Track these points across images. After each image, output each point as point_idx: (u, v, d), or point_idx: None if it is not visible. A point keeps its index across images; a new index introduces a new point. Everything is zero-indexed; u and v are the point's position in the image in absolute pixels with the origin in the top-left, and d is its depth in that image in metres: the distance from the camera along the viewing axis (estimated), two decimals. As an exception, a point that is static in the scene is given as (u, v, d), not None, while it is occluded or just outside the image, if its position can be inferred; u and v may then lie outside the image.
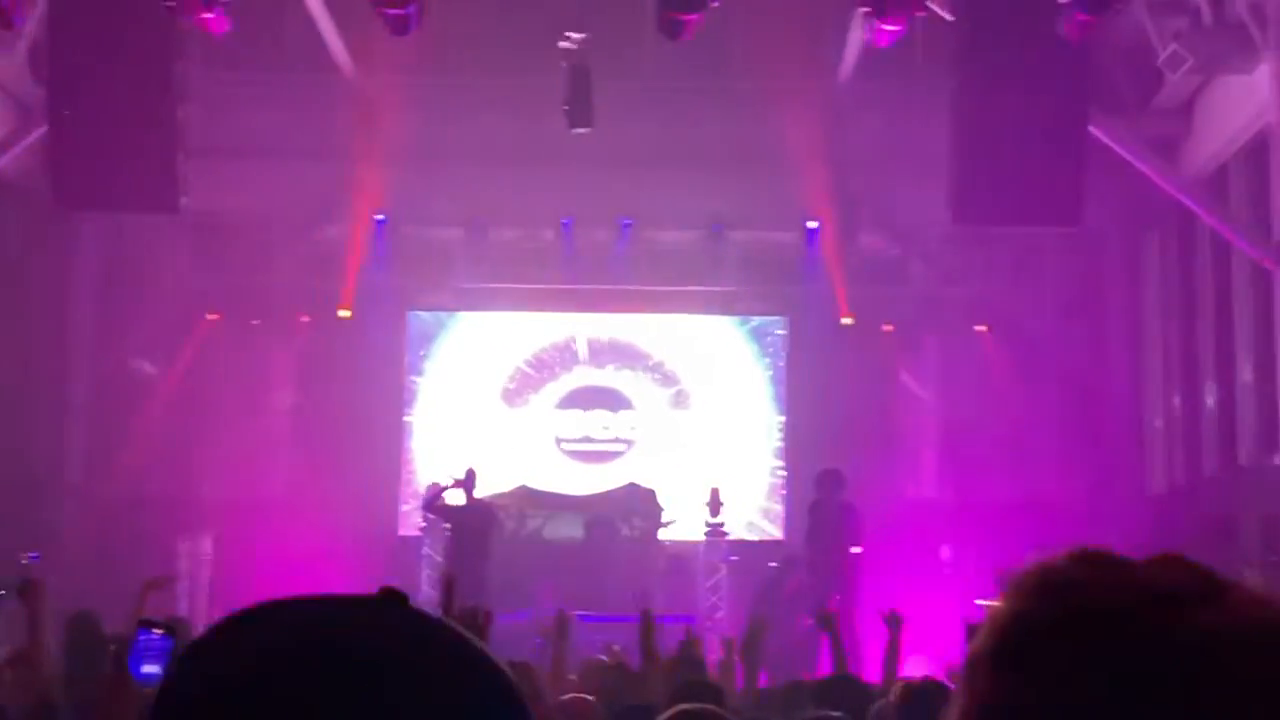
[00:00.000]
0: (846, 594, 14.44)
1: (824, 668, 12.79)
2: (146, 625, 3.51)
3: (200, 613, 16.78)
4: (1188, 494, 16.49)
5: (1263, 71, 13.71)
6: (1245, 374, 15.31)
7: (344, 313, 19.03)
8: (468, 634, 1.21)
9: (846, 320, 18.85)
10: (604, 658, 9.36)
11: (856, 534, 15.14)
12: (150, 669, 3.40)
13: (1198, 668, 1.06)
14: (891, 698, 5.43)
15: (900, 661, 7.87)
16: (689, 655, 8.26)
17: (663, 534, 17.92)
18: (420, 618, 1.22)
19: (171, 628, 3.53)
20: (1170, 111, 16.13)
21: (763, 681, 9.06)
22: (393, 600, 1.23)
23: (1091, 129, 13.60)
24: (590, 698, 5.68)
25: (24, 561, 15.47)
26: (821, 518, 15.39)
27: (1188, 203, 14.77)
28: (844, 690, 6.93)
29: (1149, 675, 1.07)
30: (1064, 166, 12.88)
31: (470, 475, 15.50)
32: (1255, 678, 1.06)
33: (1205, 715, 1.05)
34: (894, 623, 7.86)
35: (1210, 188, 15.45)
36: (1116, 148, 14.46)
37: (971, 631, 6.01)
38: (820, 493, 15.56)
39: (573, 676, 8.00)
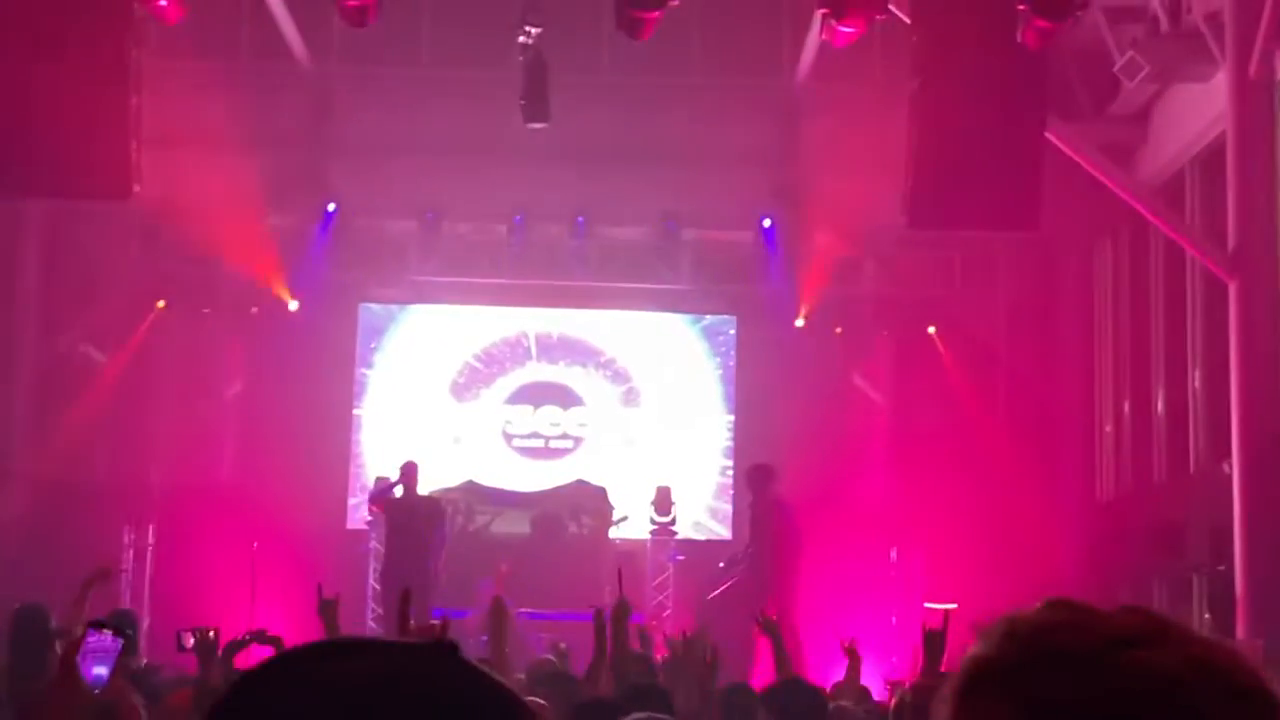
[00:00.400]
0: (784, 594, 14.38)
1: (764, 670, 12.77)
2: (95, 625, 3.43)
3: (143, 603, 16.61)
4: (1137, 500, 16.57)
5: (1219, 80, 13.77)
6: (1196, 381, 15.39)
7: (294, 304, 18.88)
8: (506, 684, 1.21)
9: (800, 322, 18.87)
10: (551, 657, 9.30)
11: (788, 530, 15.05)
12: (99, 670, 3.32)
13: (1133, 699, 1.15)
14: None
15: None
16: (640, 653, 8.20)
17: (612, 532, 17.86)
18: (470, 671, 1.20)
19: (120, 628, 3.45)
20: (1126, 118, 16.20)
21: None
22: (444, 652, 1.21)
23: (1048, 134, 13.62)
24: (543, 701, 5.60)
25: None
26: (755, 515, 15.33)
27: (1142, 210, 14.81)
28: (794, 694, 6.89)
29: (1093, 708, 1.15)
30: (1022, 171, 12.87)
31: (409, 469, 15.33)
32: (1191, 707, 1.14)
33: None
34: (853, 656, 7.84)
35: (1165, 195, 15.51)
36: (1072, 153, 14.48)
37: (929, 637, 5.96)
38: (752, 490, 15.47)
39: (520, 675, 7.92)
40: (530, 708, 1.21)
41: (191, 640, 6.28)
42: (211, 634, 6.47)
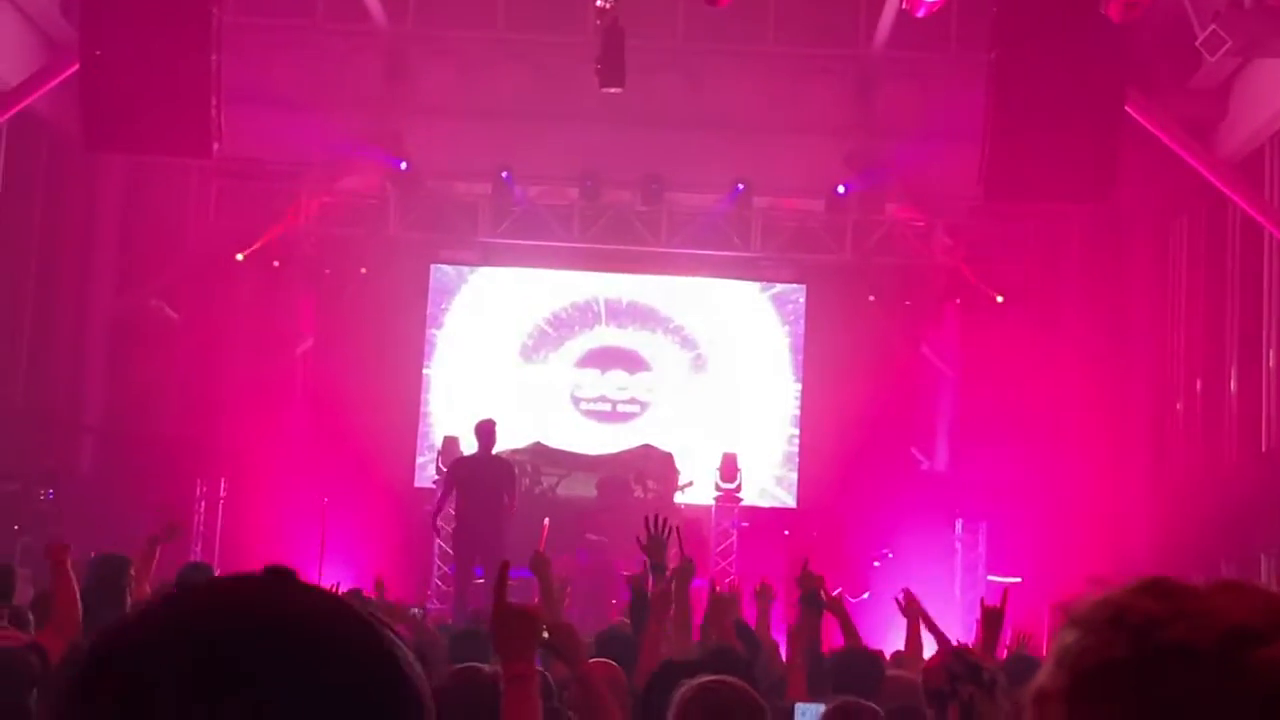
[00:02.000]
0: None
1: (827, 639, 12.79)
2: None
3: (213, 556, 16.82)
4: (1207, 479, 16.43)
5: (1302, 56, 13.59)
6: (1270, 361, 15.23)
7: (365, 264, 19.03)
8: (356, 608, 1.24)
9: (871, 298, 18.87)
10: (626, 619, 9.33)
11: None
12: None
13: (1269, 700, 1.09)
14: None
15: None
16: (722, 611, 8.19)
17: (678, 497, 17.91)
18: (307, 593, 1.24)
19: None
20: (1207, 93, 16.01)
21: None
22: (279, 577, 1.25)
23: (1127, 107, 13.49)
24: (614, 664, 5.65)
25: (41, 498, 15.56)
26: None
27: (1220, 186, 14.65)
28: (852, 662, 6.89)
29: (1225, 710, 1.09)
30: (1099, 144, 12.77)
31: (485, 428, 15.33)
32: None
33: None
34: (911, 617, 7.79)
35: (1244, 171, 15.33)
36: (1150, 127, 14.34)
37: (988, 614, 5.91)
38: None
39: (589, 638, 7.94)
40: (374, 626, 1.22)
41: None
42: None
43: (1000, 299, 18.62)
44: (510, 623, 2.57)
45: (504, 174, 18.38)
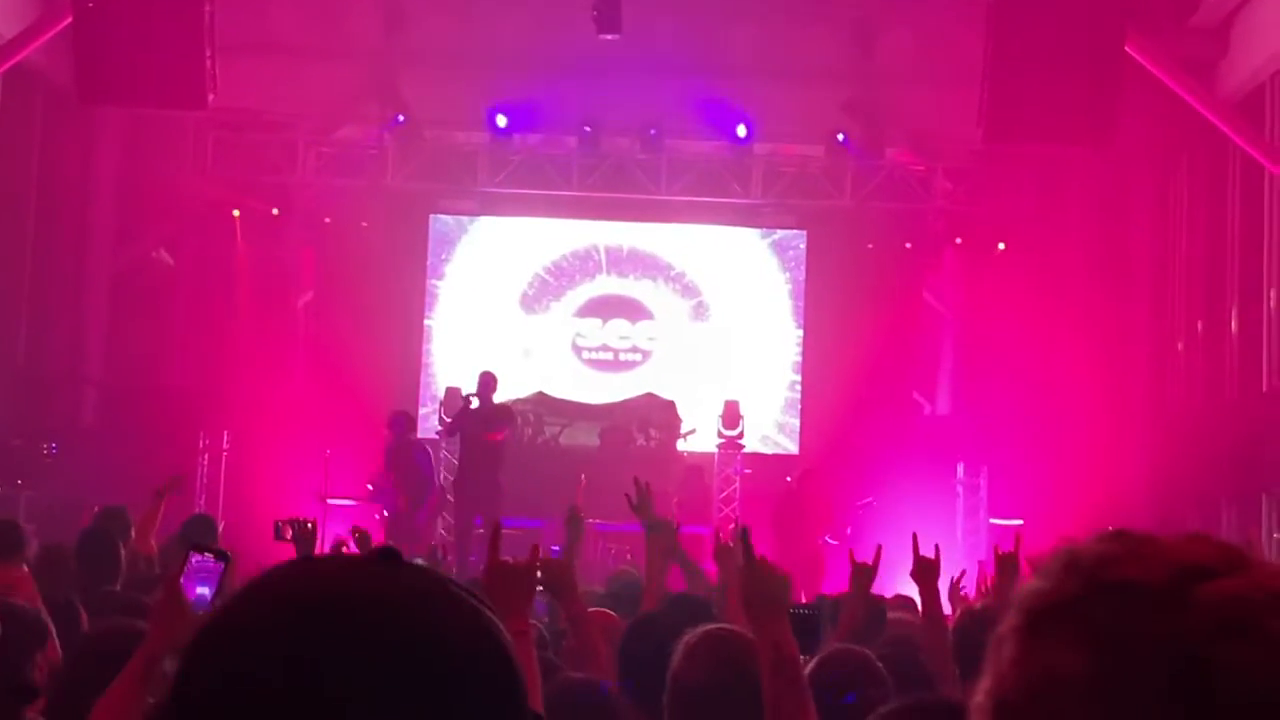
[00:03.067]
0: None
1: (831, 584, 12.87)
2: (197, 548, 3.50)
3: (217, 508, 16.86)
4: (1208, 419, 16.44)
5: (1303, -6, 13.51)
6: (1271, 300, 15.21)
7: (364, 215, 19.01)
8: (466, 592, 1.26)
9: (870, 246, 18.86)
10: (630, 569, 9.35)
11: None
12: (202, 590, 3.39)
13: (1217, 629, 1.08)
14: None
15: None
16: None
17: (680, 445, 17.94)
18: (421, 576, 1.26)
19: (223, 553, 3.52)
20: (1206, 32, 15.92)
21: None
22: (390, 560, 1.26)
23: (1126, 48, 13.41)
24: (612, 613, 5.66)
25: (44, 453, 15.59)
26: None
27: (1220, 125, 14.59)
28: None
29: (1170, 638, 1.09)
30: (1098, 86, 12.72)
31: (486, 379, 15.38)
32: (1271, 636, 1.08)
33: (1226, 674, 1.07)
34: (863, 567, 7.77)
35: (1244, 111, 15.27)
36: (1150, 67, 14.26)
37: (1002, 560, 5.86)
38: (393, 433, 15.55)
39: (599, 589, 7.97)
40: (484, 612, 1.25)
41: (290, 531, 6.42)
42: (310, 524, 6.60)
43: (1002, 246, 18.59)
44: (504, 579, 2.54)
45: (500, 122, 18.28)
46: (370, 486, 15.60)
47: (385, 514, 15.25)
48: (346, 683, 1.16)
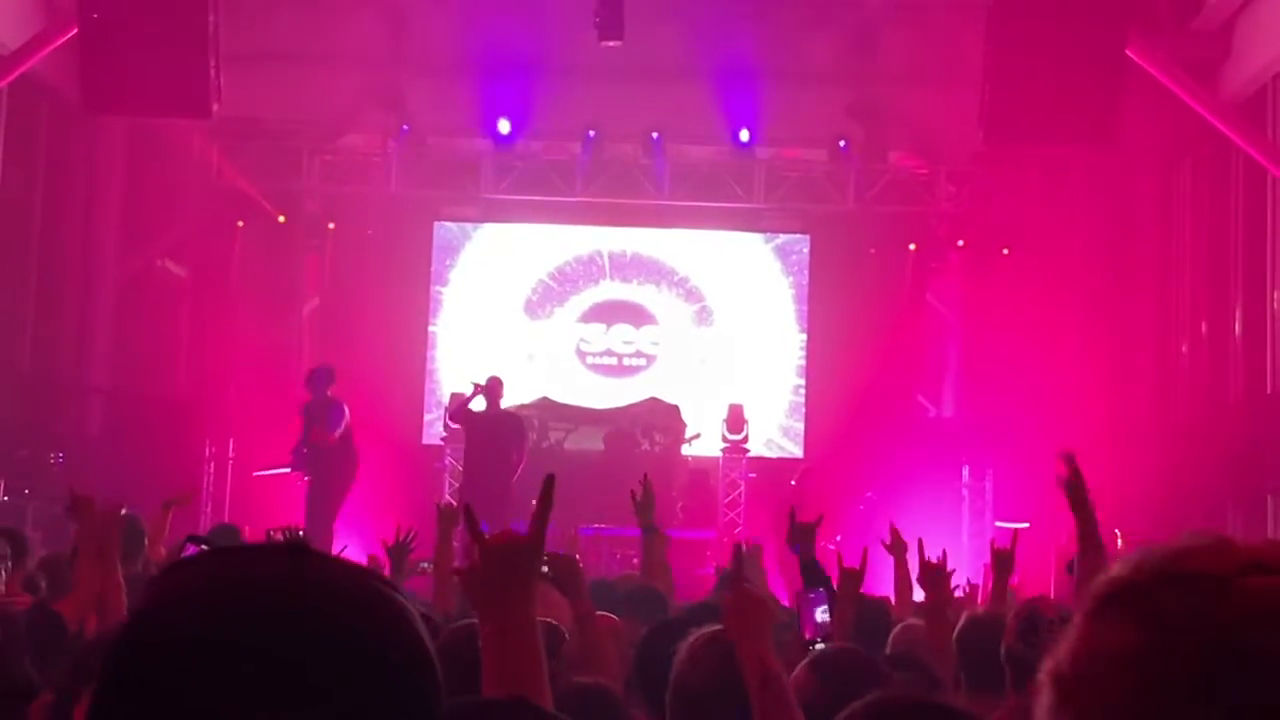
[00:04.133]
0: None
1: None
2: (194, 540, 3.53)
3: (223, 516, 16.88)
4: (1212, 420, 16.45)
5: (1304, -5, 13.53)
6: (1274, 302, 15.22)
7: (369, 222, 19.05)
8: (379, 581, 1.31)
9: (873, 251, 18.88)
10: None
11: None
12: None
13: (1253, 616, 1.15)
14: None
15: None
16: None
17: (685, 449, 17.96)
18: (327, 566, 1.30)
19: (216, 543, 3.55)
20: (1209, 34, 15.95)
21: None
22: (297, 551, 1.31)
23: (1128, 50, 13.42)
24: (615, 617, 5.68)
25: (51, 462, 15.61)
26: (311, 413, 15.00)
27: (1222, 128, 14.60)
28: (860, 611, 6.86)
29: (1208, 621, 1.15)
30: (1100, 88, 12.72)
31: (493, 383, 15.38)
32: None
33: (1256, 659, 1.13)
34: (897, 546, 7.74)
35: (1247, 113, 15.28)
36: (1152, 70, 14.27)
37: (998, 557, 5.90)
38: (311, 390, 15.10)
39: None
40: (395, 601, 1.29)
41: (281, 539, 6.43)
42: (301, 533, 6.62)
43: (1006, 251, 18.61)
44: (488, 564, 2.50)
45: (503, 129, 18.34)
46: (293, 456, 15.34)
47: (306, 480, 15.04)
48: (250, 677, 1.20)
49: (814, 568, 6.17)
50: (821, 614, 4.60)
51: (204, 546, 3.49)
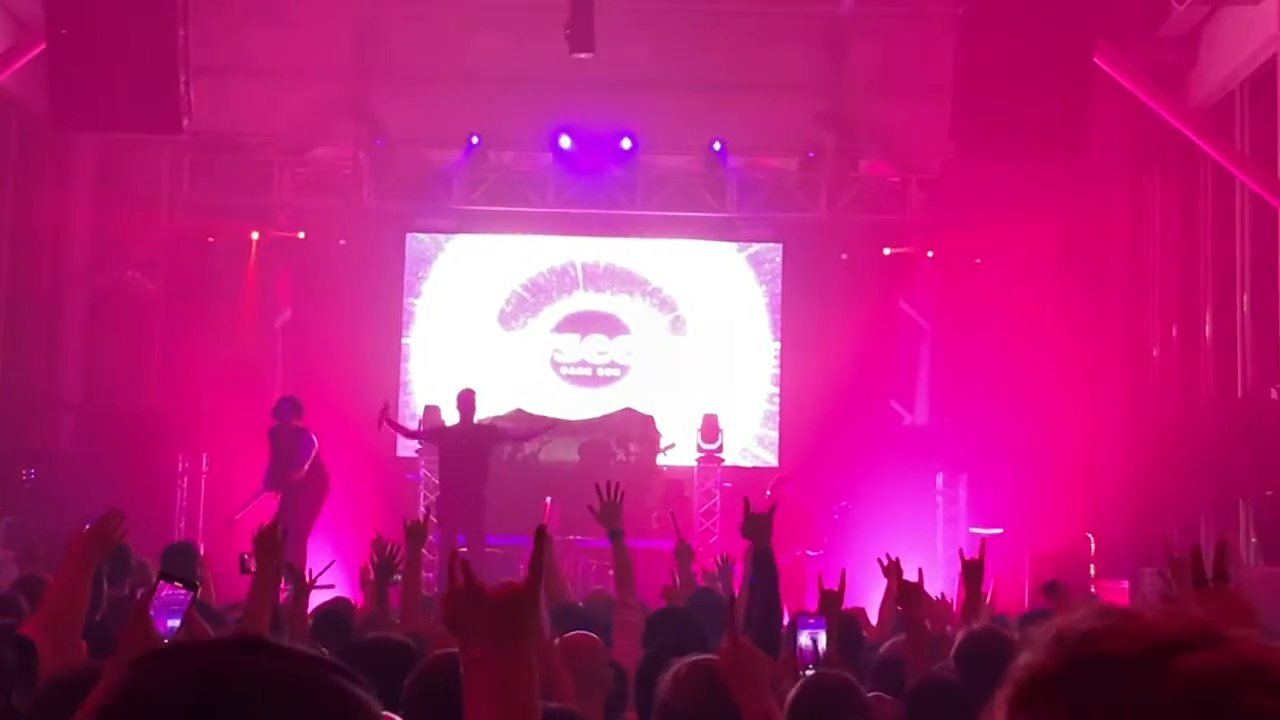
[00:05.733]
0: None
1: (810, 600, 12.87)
2: (167, 578, 3.53)
3: (197, 531, 16.84)
4: (1184, 425, 16.53)
5: (1269, 1, 13.62)
6: (1244, 306, 15.32)
7: (341, 234, 19.01)
8: (337, 678, 1.32)
9: (844, 256, 18.95)
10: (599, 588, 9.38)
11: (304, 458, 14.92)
12: (172, 623, 3.43)
13: (1192, 703, 1.15)
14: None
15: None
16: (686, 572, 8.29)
17: (660, 459, 17.96)
18: (279, 662, 1.32)
19: (192, 583, 3.56)
20: (1176, 41, 16.04)
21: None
22: (248, 647, 1.33)
23: (1096, 59, 13.50)
24: (594, 635, 5.67)
25: (23, 478, 15.55)
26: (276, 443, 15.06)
27: (1190, 135, 14.69)
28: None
29: (1148, 710, 1.15)
30: (1068, 97, 12.79)
31: (465, 397, 15.40)
32: (1248, 709, 1.14)
33: None
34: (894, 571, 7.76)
35: (1214, 120, 15.38)
36: (1119, 78, 14.36)
37: (968, 567, 5.93)
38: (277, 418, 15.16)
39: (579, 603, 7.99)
40: (346, 694, 1.31)
41: (255, 564, 6.40)
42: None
43: (978, 261, 18.70)
44: (460, 604, 2.51)
45: (474, 139, 18.35)
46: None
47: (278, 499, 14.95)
48: None
49: (767, 559, 6.17)
50: (812, 639, 4.64)
51: (177, 584, 3.50)
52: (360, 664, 3.91)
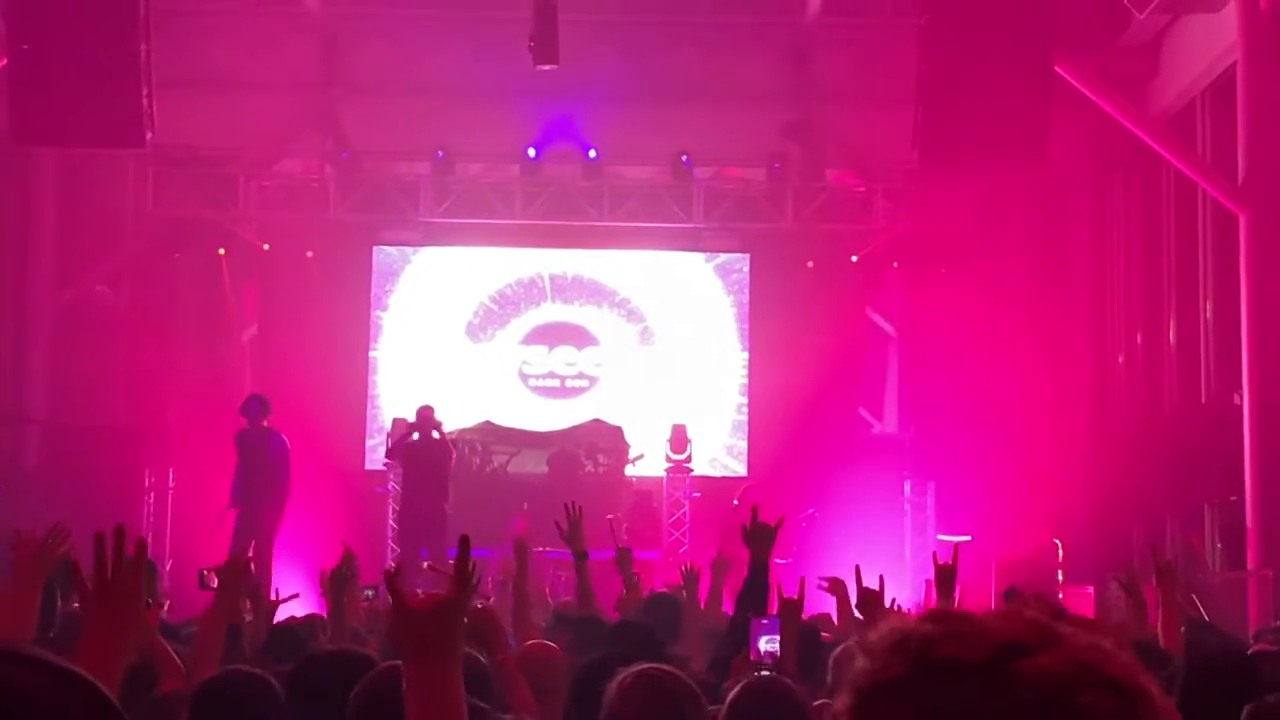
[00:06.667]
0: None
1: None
2: None
3: (164, 545, 16.77)
4: (1149, 431, 16.63)
5: (1230, 10, 13.72)
6: (1207, 313, 15.42)
7: (307, 247, 18.97)
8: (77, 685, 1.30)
9: (810, 264, 19.01)
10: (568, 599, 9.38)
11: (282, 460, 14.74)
12: None
13: (1034, 705, 1.17)
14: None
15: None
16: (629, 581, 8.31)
17: (629, 470, 17.97)
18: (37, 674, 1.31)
19: (145, 602, 3.57)
20: (1137, 50, 16.14)
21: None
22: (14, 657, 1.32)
23: (1057, 68, 13.59)
24: (553, 645, 5.68)
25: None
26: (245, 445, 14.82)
27: (1151, 143, 14.79)
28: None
29: (992, 714, 1.17)
30: (1031, 106, 12.87)
31: (424, 414, 15.46)
32: (1087, 709, 1.17)
33: None
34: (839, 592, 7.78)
35: (1176, 128, 15.48)
36: (1081, 87, 14.46)
37: (941, 572, 5.94)
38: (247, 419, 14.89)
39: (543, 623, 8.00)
40: (100, 702, 1.30)
41: (215, 580, 6.38)
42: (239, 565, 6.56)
43: (944, 270, 18.78)
44: (406, 622, 2.54)
45: (440, 156, 18.38)
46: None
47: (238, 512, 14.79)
48: None
49: (762, 574, 6.16)
50: (769, 643, 4.66)
51: None
52: (313, 676, 3.93)
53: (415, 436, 15.47)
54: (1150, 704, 1.22)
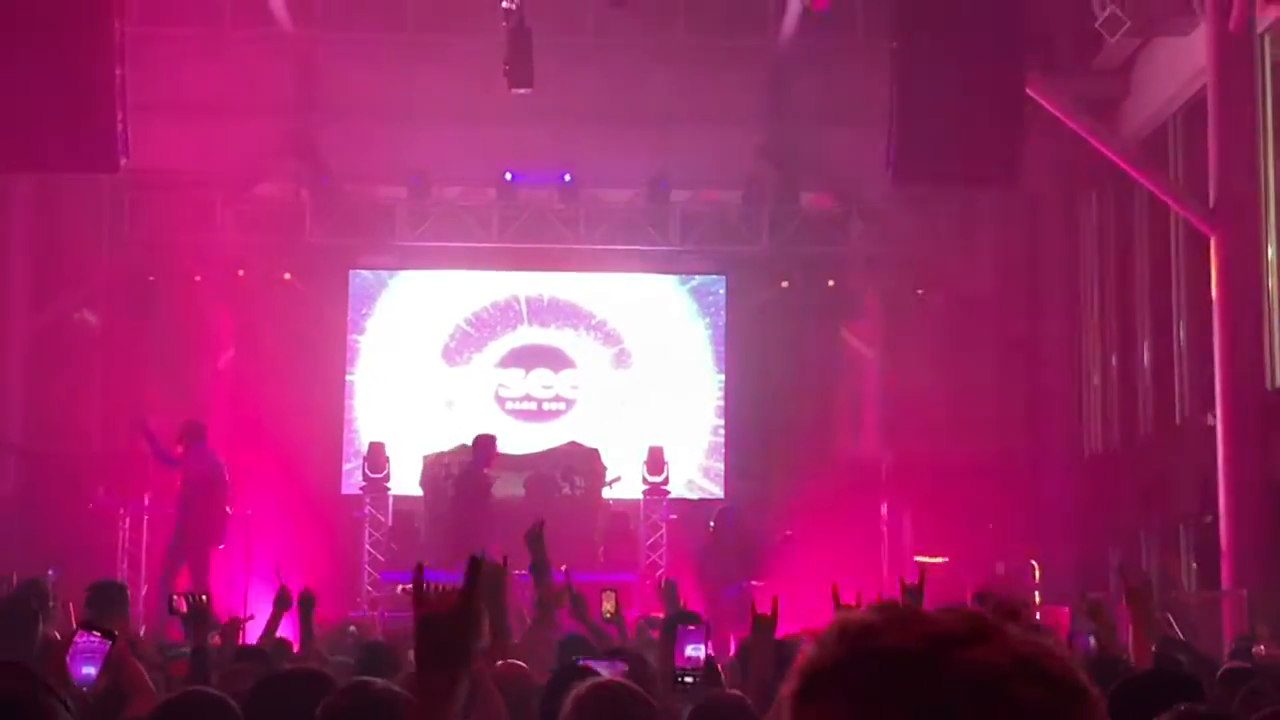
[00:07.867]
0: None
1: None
2: (86, 627, 3.55)
3: (140, 570, 16.70)
4: (1124, 452, 16.69)
5: (1200, 33, 13.82)
6: (1181, 334, 15.49)
7: (285, 272, 18.97)
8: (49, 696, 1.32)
9: (785, 284, 19.06)
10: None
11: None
12: (88, 670, 3.45)
13: (968, 693, 1.20)
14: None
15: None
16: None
17: (605, 492, 17.96)
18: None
19: (111, 632, 3.58)
20: (1109, 72, 16.25)
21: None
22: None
23: (1029, 90, 13.67)
24: (522, 664, 5.68)
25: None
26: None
27: (1123, 165, 14.88)
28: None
29: (927, 700, 1.20)
30: (1002, 127, 12.95)
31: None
32: (1020, 700, 1.20)
33: None
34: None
35: (1148, 149, 15.57)
36: (1052, 109, 14.54)
37: (907, 592, 5.95)
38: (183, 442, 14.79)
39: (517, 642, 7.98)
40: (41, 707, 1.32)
41: (185, 605, 6.38)
42: (204, 598, 6.56)
43: (920, 292, 18.86)
44: (432, 633, 2.57)
45: (416, 180, 18.40)
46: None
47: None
48: None
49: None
50: (694, 649, 4.66)
51: (95, 634, 3.51)
52: (272, 696, 3.93)
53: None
54: (1084, 699, 1.24)
